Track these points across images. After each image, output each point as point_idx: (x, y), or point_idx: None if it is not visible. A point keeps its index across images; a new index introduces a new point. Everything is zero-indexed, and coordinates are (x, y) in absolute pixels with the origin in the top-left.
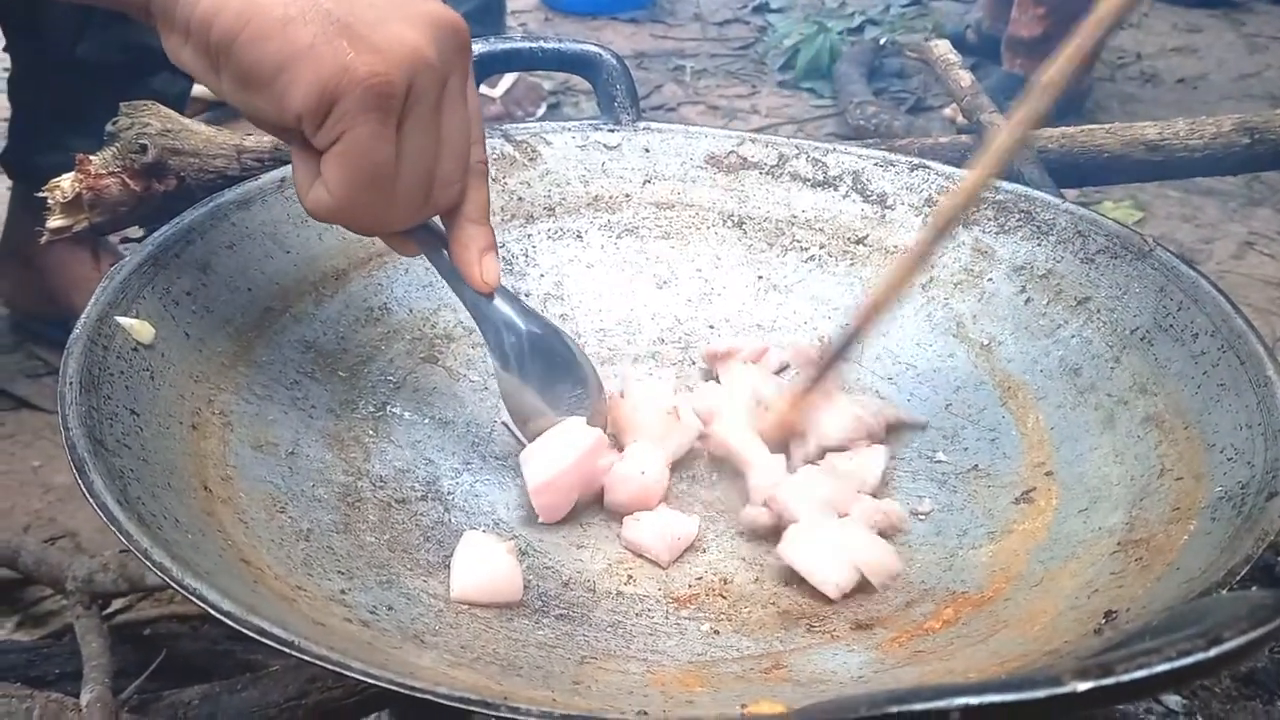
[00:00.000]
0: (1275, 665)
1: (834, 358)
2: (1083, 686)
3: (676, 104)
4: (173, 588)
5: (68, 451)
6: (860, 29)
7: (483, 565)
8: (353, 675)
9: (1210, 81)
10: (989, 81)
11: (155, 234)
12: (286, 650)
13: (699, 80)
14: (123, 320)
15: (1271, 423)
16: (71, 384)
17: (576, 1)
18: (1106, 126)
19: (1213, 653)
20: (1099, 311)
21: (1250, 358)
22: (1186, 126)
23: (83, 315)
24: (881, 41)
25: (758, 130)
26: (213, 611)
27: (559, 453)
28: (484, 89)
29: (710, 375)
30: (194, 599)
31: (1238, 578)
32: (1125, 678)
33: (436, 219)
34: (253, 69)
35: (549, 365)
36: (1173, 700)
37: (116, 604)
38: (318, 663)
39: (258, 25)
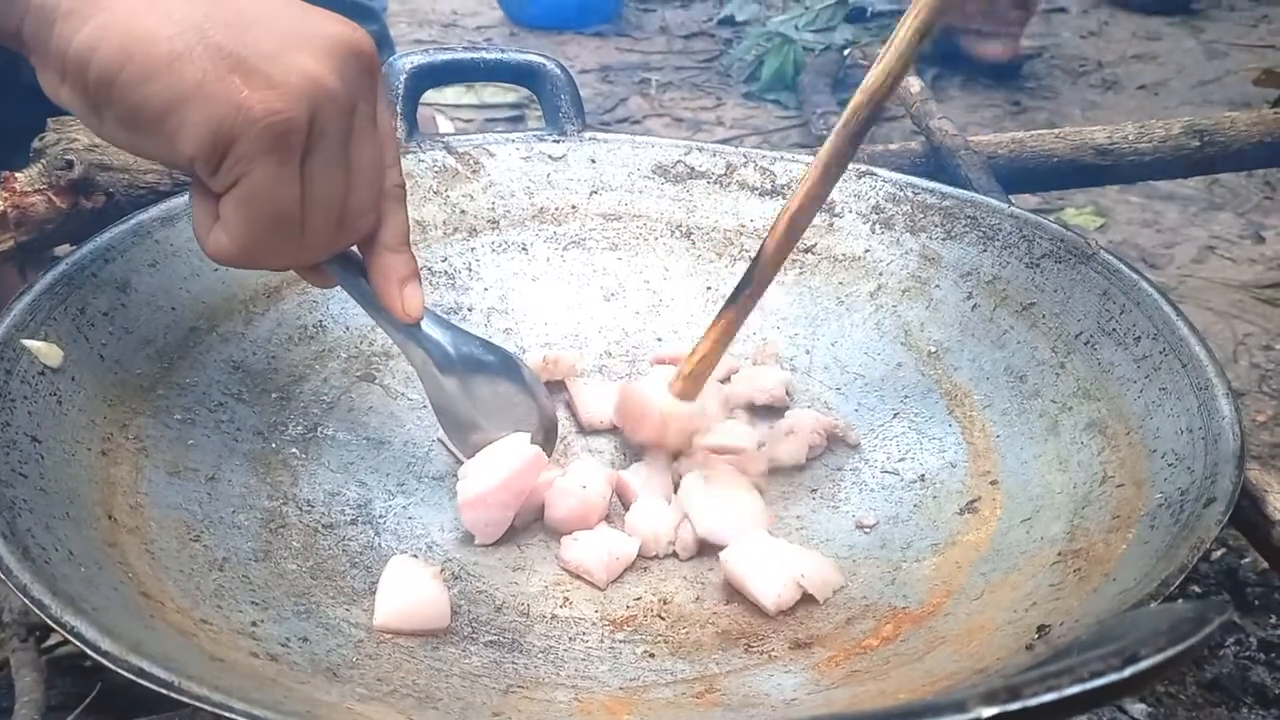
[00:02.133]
0: (1240, 671)
1: (745, 290)
2: (988, 713)
3: (641, 116)
4: (50, 625)
5: None
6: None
7: (408, 591)
8: (232, 716)
9: (1170, 88)
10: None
11: (70, 253)
12: (165, 691)
13: (664, 93)
14: (28, 343)
15: (1212, 427)
16: None
17: (541, 16)
18: (1056, 131)
19: (1127, 673)
20: (1044, 317)
21: (1191, 361)
22: (1135, 130)
23: None
24: (845, 52)
25: (722, 141)
26: (89, 650)
27: (492, 468)
28: None
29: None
30: (69, 636)
31: (1171, 588)
32: (1033, 701)
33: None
34: (137, 111)
35: (485, 387)
36: (1137, 708)
37: (56, 636)
38: (197, 704)
39: (141, 62)
